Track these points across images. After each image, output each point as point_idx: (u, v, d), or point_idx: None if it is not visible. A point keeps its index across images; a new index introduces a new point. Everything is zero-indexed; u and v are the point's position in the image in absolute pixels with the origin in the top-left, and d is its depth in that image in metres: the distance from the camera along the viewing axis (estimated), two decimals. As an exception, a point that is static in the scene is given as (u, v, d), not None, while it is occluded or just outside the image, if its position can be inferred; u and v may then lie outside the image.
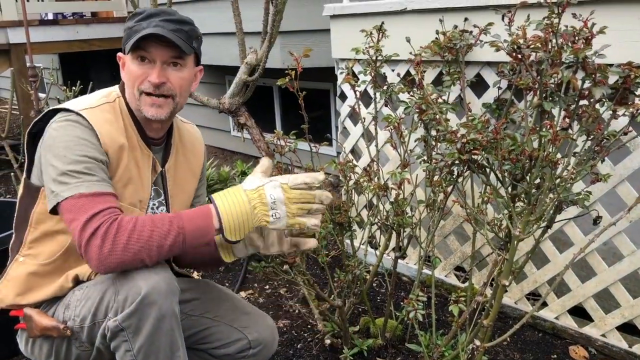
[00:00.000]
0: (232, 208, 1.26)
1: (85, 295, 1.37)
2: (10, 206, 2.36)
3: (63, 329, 1.38)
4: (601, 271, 2.08)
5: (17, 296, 1.46)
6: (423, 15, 2.39)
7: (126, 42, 1.40)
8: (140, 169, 1.46)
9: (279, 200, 1.26)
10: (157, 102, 1.40)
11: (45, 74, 6.64)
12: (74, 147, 1.30)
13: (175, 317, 1.30)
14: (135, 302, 1.24)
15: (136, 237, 1.22)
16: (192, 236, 1.25)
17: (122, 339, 1.28)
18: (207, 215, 1.27)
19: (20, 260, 1.47)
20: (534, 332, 2.31)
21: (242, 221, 1.26)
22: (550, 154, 1.44)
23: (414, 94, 1.89)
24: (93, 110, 1.38)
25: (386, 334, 2.19)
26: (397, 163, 2.19)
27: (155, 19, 1.38)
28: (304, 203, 1.28)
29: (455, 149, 1.54)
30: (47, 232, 1.43)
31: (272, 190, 1.27)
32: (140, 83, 1.39)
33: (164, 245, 1.23)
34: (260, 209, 1.26)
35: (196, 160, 1.66)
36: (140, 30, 1.36)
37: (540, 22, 1.43)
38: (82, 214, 1.24)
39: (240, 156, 5.06)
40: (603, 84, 1.37)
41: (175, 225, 1.25)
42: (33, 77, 4.17)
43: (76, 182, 1.27)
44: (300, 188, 1.28)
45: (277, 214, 1.27)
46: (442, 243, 2.63)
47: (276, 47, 3.37)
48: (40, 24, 5.08)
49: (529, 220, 1.53)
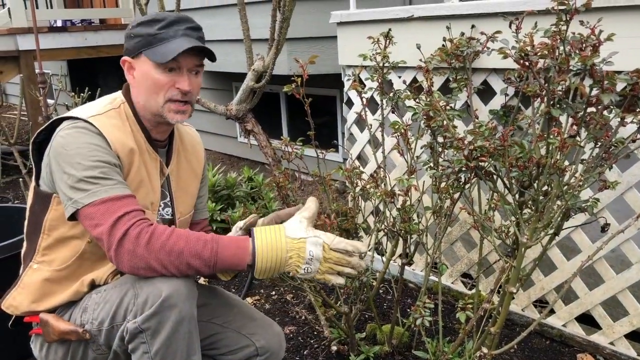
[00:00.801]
0: (268, 252, 1.26)
1: (103, 298, 1.38)
2: (19, 211, 2.38)
3: (82, 333, 1.38)
4: (609, 279, 2.07)
5: (32, 303, 1.46)
6: (430, 23, 2.40)
7: (145, 49, 1.39)
8: (150, 172, 1.47)
9: (315, 258, 1.27)
10: (182, 108, 1.44)
11: (54, 80, 6.70)
12: (87, 153, 1.31)
13: (194, 321, 1.31)
14: (156, 305, 1.25)
15: (168, 248, 1.24)
16: (223, 263, 1.27)
17: (141, 341, 1.29)
18: (244, 249, 1.28)
19: (35, 267, 1.47)
20: (542, 339, 2.30)
21: (274, 266, 1.27)
22: (558, 161, 1.43)
23: (421, 100, 1.89)
24: (100, 117, 1.39)
25: (393, 340, 2.19)
26: (404, 169, 2.19)
27: (179, 27, 1.39)
28: (337, 265, 1.29)
29: (462, 156, 1.55)
30: (61, 238, 1.43)
31: (313, 247, 1.27)
32: (166, 91, 1.41)
33: (193, 263, 1.25)
34: (295, 260, 1.27)
35: (197, 161, 1.67)
36: (169, 39, 1.37)
37: (548, 29, 1.44)
38: (106, 219, 1.26)
39: (247, 162, 5.08)
40: (611, 91, 1.37)
41: (208, 247, 1.26)
42: (42, 84, 4.21)
43: (94, 188, 1.28)
44: (339, 252, 1.28)
45: (309, 269, 1.27)
46: (448, 250, 2.63)
47: (283, 54, 3.39)
48: (49, 30, 5.13)
49: (537, 228, 1.52)
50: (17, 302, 1.48)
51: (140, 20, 1.42)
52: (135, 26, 1.42)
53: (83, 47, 5.33)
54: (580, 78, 1.44)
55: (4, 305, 1.50)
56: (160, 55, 1.37)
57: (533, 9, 1.73)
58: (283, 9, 2.77)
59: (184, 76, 1.41)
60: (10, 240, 2.04)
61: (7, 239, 2.05)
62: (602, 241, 1.98)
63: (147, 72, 1.40)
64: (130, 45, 1.42)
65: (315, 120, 1.96)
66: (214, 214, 3.07)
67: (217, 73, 5.14)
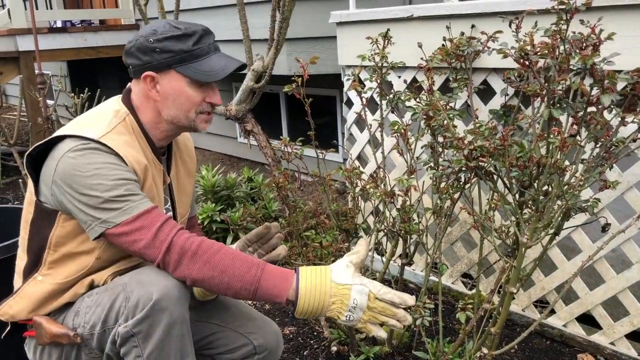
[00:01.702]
0: (312, 293, 1.24)
1: (95, 302, 1.36)
2: (19, 212, 2.37)
3: (73, 336, 1.37)
4: (610, 278, 2.06)
5: (30, 312, 1.44)
6: (429, 22, 2.39)
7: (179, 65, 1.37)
8: (157, 183, 1.46)
9: (359, 307, 1.23)
10: (210, 118, 1.48)
11: (54, 81, 6.69)
12: (107, 173, 1.28)
13: (185, 324, 1.30)
14: (147, 308, 1.24)
15: (212, 265, 1.25)
16: (263, 292, 1.25)
17: (133, 345, 1.28)
18: (288, 282, 1.25)
19: (39, 279, 1.43)
20: (542, 339, 2.30)
21: (315, 308, 1.25)
22: (558, 160, 1.43)
23: (421, 100, 1.89)
24: (111, 135, 1.34)
25: (393, 341, 2.18)
26: (404, 169, 2.18)
27: (209, 41, 1.41)
28: (381, 315, 1.25)
29: (462, 156, 1.54)
30: (69, 253, 1.40)
31: (358, 295, 1.23)
32: (199, 104, 1.42)
33: (234, 284, 1.25)
34: (337, 307, 1.24)
35: (191, 160, 1.67)
36: (204, 56, 1.38)
37: (549, 28, 1.43)
38: (145, 233, 1.26)
39: (247, 163, 5.07)
40: (612, 90, 1.37)
41: (252, 271, 1.25)
42: (42, 85, 4.21)
43: (125, 205, 1.27)
44: (386, 302, 1.25)
45: (352, 317, 1.24)
46: (448, 250, 2.63)
47: (283, 54, 3.39)
48: (49, 31, 5.13)
49: (537, 227, 1.52)
50: (15, 310, 1.45)
51: (167, 35, 1.36)
52: (162, 40, 1.36)
53: (83, 48, 5.33)
54: (581, 77, 1.44)
55: (0, 312, 1.47)
56: (203, 75, 1.37)
57: (533, 8, 1.73)
58: (282, 9, 2.77)
59: (215, 90, 1.44)
60: (9, 242, 2.03)
61: (7, 239, 2.04)
62: (602, 241, 1.97)
63: (180, 88, 1.39)
64: (155, 60, 1.36)
65: (315, 121, 1.96)
66: (213, 215, 3.07)
67: (216, 73, 5.13)
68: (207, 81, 1.39)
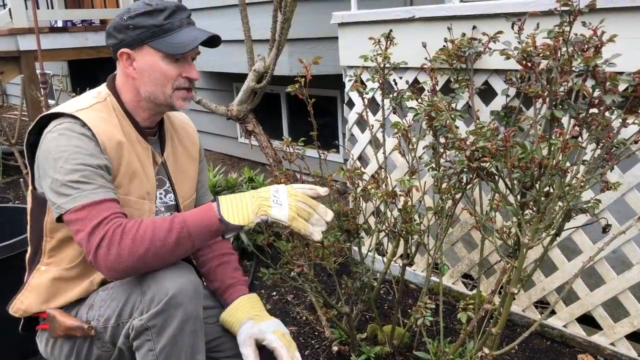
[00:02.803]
0: (232, 200, 1.31)
1: (110, 295, 1.38)
2: (20, 212, 2.38)
3: (87, 329, 1.39)
4: (610, 279, 2.07)
5: (42, 304, 1.46)
6: (431, 23, 2.40)
7: (151, 40, 1.39)
8: (142, 162, 1.47)
9: (281, 196, 1.31)
10: (189, 95, 1.47)
11: (55, 80, 6.70)
12: (69, 157, 1.30)
13: (199, 320, 1.32)
14: (162, 303, 1.26)
15: (139, 239, 1.23)
16: (195, 227, 1.28)
17: (146, 338, 1.29)
18: (208, 207, 1.32)
19: (43, 269, 1.47)
20: (542, 340, 2.30)
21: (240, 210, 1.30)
22: (559, 162, 1.44)
23: (423, 101, 1.89)
24: (86, 110, 1.39)
25: (394, 341, 2.19)
26: (405, 170, 2.19)
27: (182, 16, 1.41)
28: (305, 205, 1.31)
29: (464, 157, 1.55)
30: (63, 238, 1.43)
31: (275, 188, 1.33)
32: (175, 80, 1.42)
33: (168, 242, 1.25)
34: (261, 202, 1.31)
35: (191, 144, 1.67)
36: (176, 30, 1.39)
37: (552, 30, 1.44)
38: (85, 225, 1.26)
39: (248, 163, 5.08)
40: (613, 92, 1.37)
41: (176, 221, 1.27)
42: (43, 84, 4.21)
43: (75, 193, 1.28)
44: (302, 190, 1.34)
45: (279, 201, 1.31)
46: (449, 250, 2.63)
47: (284, 54, 3.39)
48: (50, 31, 5.13)
49: (538, 228, 1.52)
50: (26, 305, 1.47)
51: (140, 11, 1.39)
52: (134, 17, 1.39)
53: (84, 48, 5.33)
54: (583, 79, 1.44)
55: (12, 309, 1.50)
56: (173, 47, 1.38)
57: (536, 9, 1.73)
58: (284, 10, 2.77)
59: (192, 65, 1.44)
60: (10, 241, 2.04)
61: (8, 239, 2.05)
62: (603, 242, 1.98)
63: (153, 63, 1.40)
64: (129, 37, 1.40)
65: (316, 121, 1.96)
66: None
67: (217, 73, 5.14)
68: (177, 53, 1.39)
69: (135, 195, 1.44)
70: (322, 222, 1.33)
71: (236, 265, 1.67)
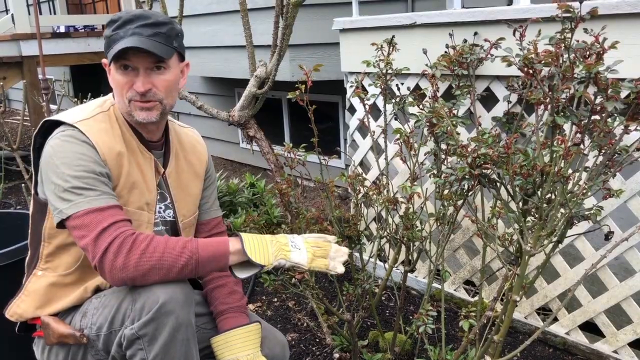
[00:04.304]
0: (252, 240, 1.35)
1: (102, 303, 1.38)
2: (22, 217, 2.37)
3: (80, 337, 1.38)
4: (613, 286, 2.06)
5: (36, 309, 1.46)
6: (432, 29, 2.40)
7: (107, 51, 1.39)
8: (144, 172, 1.46)
9: (298, 243, 1.38)
10: (145, 106, 1.40)
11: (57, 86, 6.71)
12: (72, 163, 1.31)
13: (191, 328, 1.31)
14: (153, 311, 1.25)
15: (148, 256, 1.25)
16: (206, 259, 1.29)
17: (138, 347, 1.28)
18: (223, 241, 1.34)
19: (39, 274, 1.48)
20: (545, 347, 2.29)
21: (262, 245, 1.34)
22: (562, 169, 1.43)
23: (425, 107, 1.89)
24: (88, 121, 1.39)
25: (395, 348, 2.18)
26: (406, 176, 2.18)
27: (131, 26, 1.36)
28: (320, 248, 1.39)
29: (466, 164, 1.54)
30: (61, 245, 1.44)
31: (292, 237, 1.40)
32: (127, 91, 1.39)
33: (175, 266, 1.26)
34: (279, 247, 1.35)
35: (198, 162, 1.65)
36: (118, 40, 1.35)
37: (553, 37, 1.43)
38: (91, 231, 1.26)
39: (249, 168, 5.08)
40: (616, 99, 1.37)
41: (188, 247, 1.28)
42: (45, 89, 4.22)
43: (78, 199, 1.28)
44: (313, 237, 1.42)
45: (297, 245, 1.37)
46: (451, 257, 2.62)
47: (285, 60, 3.40)
48: (52, 36, 5.15)
49: (540, 235, 1.52)
50: (22, 309, 1.48)
51: (106, 22, 1.43)
52: (105, 28, 1.43)
53: (86, 53, 5.35)
54: (585, 86, 1.44)
55: (9, 313, 1.50)
56: (110, 58, 1.37)
57: (537, 16, 1.73)
58: (286, 16, 2.77)
59: (139, 76, 1.38)
60: (11, 247, 2.03)
61: (10, 245, 2.04)
62: (605, 249, 1.97)
63: (112, 74, 1.40)
64: (105, 48, 1.42)
65: (317, 127, 1.96)
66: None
67: (219, 79, 5.15)
68: (109, 63, 1.38)
69: (135, 205, 1.43)
70: (341, 253, 1.41)
71: (232, 288, 1.63)
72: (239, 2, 2.99)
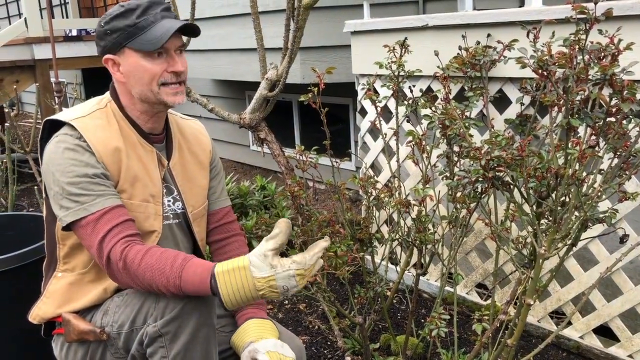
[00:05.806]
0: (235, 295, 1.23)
1: (124, 302, 1.39)
2: (35, 220, 2.38)
3: (100, 333, 1.39)
4: (627, 290, 2.04)
5: (57, 308, 1.48)
6: (444, 31, 2.39)
7: (128, 41, 1.37)
8: (146, 165, 1.46)
9: (291, 287, 1.22)
10: (178, 89, 1.42)
11: (69, 89, 6.76)
12: (66, 170, 1.33)
13: (212, 328, 1.32)
14: (177, 309, 1.27)
15: (140, 278, 1.28)
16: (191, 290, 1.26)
17: (159, 345, 1.29)
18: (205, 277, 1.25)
19: (59, 276, 1.50)
20: (558, 351, 2.27)
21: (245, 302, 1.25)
22: (576, 171, 1.42)
23: (437, 109, 1.88)
24: (84, 118, 1.41)
25: (407, 351, 2.17)
26: (418, 178, 2.18)
27: (156, 10, 1.38)
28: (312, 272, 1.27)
29: (479, 166, 1.53)
30: (74, 245, 1.45)
31: (285, 282, 1.22)
32: (160, 76, 1.39)
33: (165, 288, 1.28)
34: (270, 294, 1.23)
35: (202, 152, 1.65)
36: (150, 25, 1.36)
37: (567, 38, 1.42)
38: (92, 242, 1.32)
39: (260, 171, 5.08)
40: (632, 101, 1.36)
41: (172, 282, 1.25)
42: (58, 92, 4.25)
43: (75, 206, 1.32)
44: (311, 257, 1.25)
45: (289, 294, 1.24)
46: (463, 260, 2.61)
47: (296, 62, 3.40)
48: (65, 40, 5.19)
49: (555, 239, 1.50)
50: (43, 310, 1.50)
51: (113, 14, 1.39)
52: (109, 21, 1.39)
53: (98, 56, 5.36)
54: (599, 87, 1.43)
55: (31, 317, 1.52)
56: (149, 44, 1.35)
57: (551, 17, 1.72)
58: (297, 19, 2.77)
59: (175, 58, 1.40)
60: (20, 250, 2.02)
61: (24, 247, 2.05)
62: (620, 252, 1.95)
63: (136, 64, 1.38)
64: (109, 42, 1.40)
65: (328, 129, 1.96)
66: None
67: (230, 82, 5.16)
68: (153, 49, 1.36)
69: (139, 198, 1.44)
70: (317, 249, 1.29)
71: None
72: (250, 5, 3.00)
